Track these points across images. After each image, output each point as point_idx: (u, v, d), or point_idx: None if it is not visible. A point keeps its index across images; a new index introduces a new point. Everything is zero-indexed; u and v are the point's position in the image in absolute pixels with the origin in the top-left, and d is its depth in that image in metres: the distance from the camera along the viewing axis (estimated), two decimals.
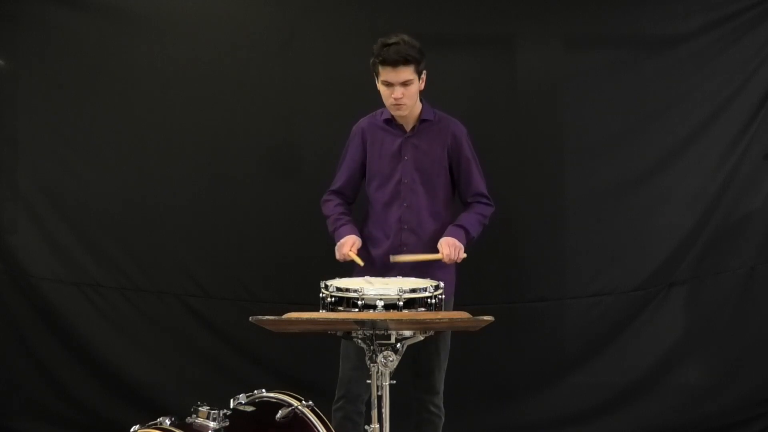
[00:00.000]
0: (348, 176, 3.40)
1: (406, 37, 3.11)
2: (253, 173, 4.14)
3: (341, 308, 2.66)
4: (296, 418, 2.83)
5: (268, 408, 2.84)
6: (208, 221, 4.18)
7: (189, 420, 2.68)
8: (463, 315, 2.57)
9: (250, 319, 2.48)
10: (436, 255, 3.16)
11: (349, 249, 3.20)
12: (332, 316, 2.62)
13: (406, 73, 3.11)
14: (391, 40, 3.10)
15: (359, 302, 2.61)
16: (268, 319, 2.47)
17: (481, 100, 4.11)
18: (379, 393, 2.58)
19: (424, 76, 3.20)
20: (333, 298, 2.68)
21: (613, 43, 4.12)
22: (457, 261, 3.17)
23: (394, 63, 3.09)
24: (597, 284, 4.13)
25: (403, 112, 3.24)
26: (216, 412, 2.67)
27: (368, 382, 2.63)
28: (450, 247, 3.14)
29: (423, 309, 2.67)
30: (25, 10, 4.16)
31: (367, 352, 2.58)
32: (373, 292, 2.63)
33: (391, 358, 2.54)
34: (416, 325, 2.57)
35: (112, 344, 4.20)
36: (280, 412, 2.80)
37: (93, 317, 4.20)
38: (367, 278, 2.94)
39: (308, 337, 3.61)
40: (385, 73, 3.13)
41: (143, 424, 2.64)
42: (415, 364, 3.29)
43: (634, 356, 4.14)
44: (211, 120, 4.14)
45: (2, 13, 4.17)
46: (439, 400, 3.34)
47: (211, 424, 2.63)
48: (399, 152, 3.29)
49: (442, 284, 2.79)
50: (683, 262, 4.12)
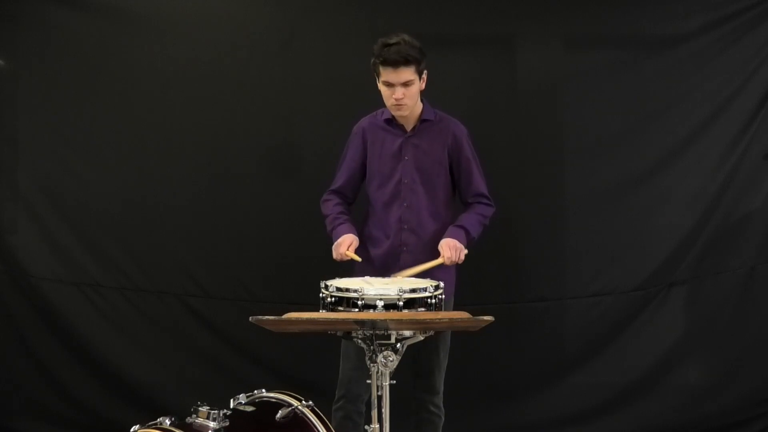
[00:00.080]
0: (348, 176, 3.39)
1: (407, 37, 3.10)
2: (253, 173, 4.14)
3: (341, 308, 2.65)
4: (296, 418, 2.83)
5: (268, 408, 2.84)
6: (208, 221, 4.18)
7: (189, 420, 2.68)
8: (463, 315, 2.56)
9: (250, 319, 2.48)
10: (437, 261, 3.14)
11: (346, 249, 3.19)
12: (332, 316, 2.62)
13: (407, 74, 3.10)
14: (392, 41, 3.09)
15: (359, 302, 2.61)
16: (268, 319, 2.47)
17: (481, 100, 4.11)
18: (379, 393, 2.58)
19: (424, 76, 3.19)
20: (333, 298, 2.67)
21: (613, 43, 4.12)
22: (459, 262, 3.17)
23: (395, 63, 3.08)
24: (597, 284, 4.13)
25: (403, 113, 3.23)
26: (216, 412, 2.66)
27: (368, 382, 2.62)
28: (451, 249, 3.14)
29: (423, 309, 2.66)
30: (25, 10, 4.16)
31: (367, 352, 2.58)
32: (373, 292, 2.62)
33: (391, 358, 2.54)
34: (416, 325, 2.57)
35: (112, 344, 4.20)
36: (280, 412, 2.80)
37: (93, 317, 4.20)
38: (367, 278, 2.93)
39: (308, 337, 3.61)
40: (386, 74, 3.12)
41: (143, 424, 2.63)
42: (415, 364, 3.29)
43: (634, 356, 4.14)
44: (211, 120, 4.14)
45: (2, 13, 4.17)
46: (439, 400, 3.34)
47: (211, 424, 2.63)
48: (399, 152, 3.29)
49: (442, 284, 2.78)
50: (683, 262, 4.12)
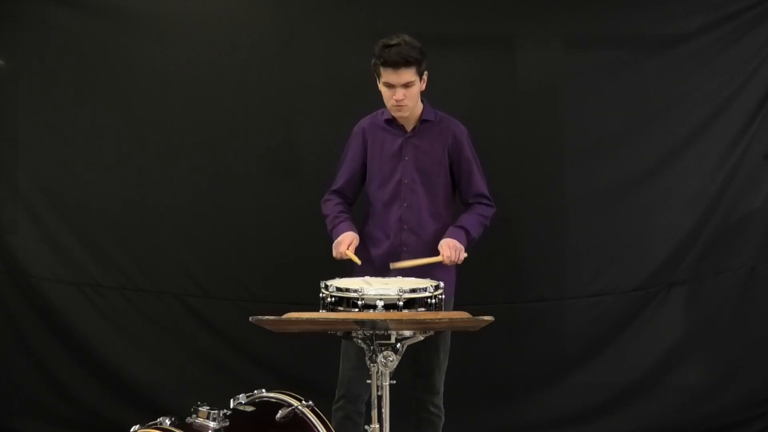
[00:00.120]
0: (348, 176, 3.39)
1: (408, 38, 3.09)
2: (253, 173, 4.14)
3: (341, 308, 2.65)
4: (296, 418, 2.83)
5: (268, 408, 2.84)
6: (208, 221, 4.18)
7: (189, 420, 2.68)
8: (463, 315, 2.57)
9: (250, 319, 2.48)
10: (436, 258, 3.14)
11: (346, 247, 3.18)
12: (332, 316, 2.62)
13: (408, 75, 3.09)
14: (393, 42, 3.08)
15: (359, 302, 2.61)
16: (268, 319, 2.47)
17: (481, 100, 4.11)
18: (379, 393, 2.58)
19: (425, 77, 3.18)
20: (333, 298, 2.67)
21: (613, 43, 4.12)
22: (458, 263, 3.16)
23: (396, 65, 3.07)
24: (597, 284, 4.13)
25: (404, 114, 3.22)
26: (216, 412, 2.66)
27: (368, 382, 2.62)
28: (450, 249, 3.13)
29: (423, 309, 2.66)
30: (25, 10, 4.16)
31: (367, 352, 2.58)
32: (373, 292, 2.62)
33: (391, 358, 2.54)
34: (416, 325, 2.57)
35: (112, 344, 4.20)
36: (280, 412, 2.80)
37: (93, 317, 4.20)
38: (367, 278, 2.93)
39: (308, 337, 3.61)
40: (387, 75, 3.11)
41: (143, 424, 2.63)
42: (415, 364, 3.29)
43: (634, 356, 4.14)
44: (211, 120, 4.14)
45: (2, 13, 4.17)
46: (439, 400, 3.34)
47: (211, 424, 2.63)
48: (399, 152, 3.28)
49: (442, 284, 2.78)
50: (683, 262, 4.12)
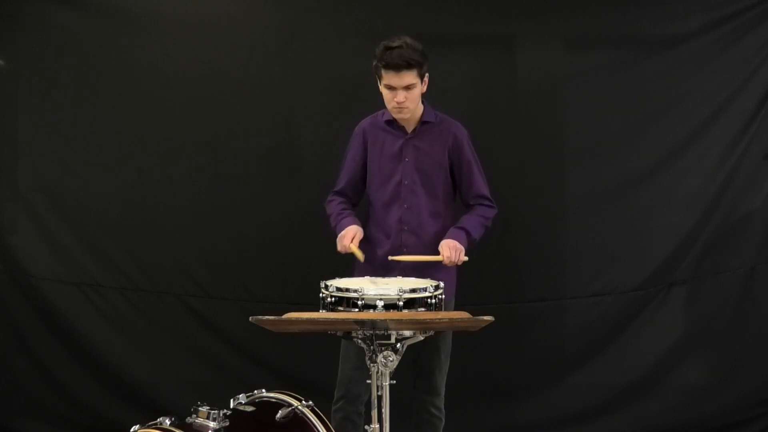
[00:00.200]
0: (350, 177, 3.38)
1: (409, 40, 3.07)
2: (253, 173, 4.14)
3: (341, 308, 2.65)
4: (296, 418, 2.83)
5: (268, 408, 2.84)
6: (208, 221, 4.18)
7: (189, 420, 2.68)
8: (463, 315, 2.57)
9: (250, 319, 2.48)
10: (436, 257, 3.14)
11: (350, 240, 3.17)
12: (332, 316, 2.61)
13: (409, 77, 3.08)
14: (394, 44, 3.06)
15: (359, 302, 2.61)
16: (268, 319, 2.47)
17: (481, 100, 4.11)
18: (379, 393, 2.58)
19: (426, 79, 3.17)
20: (333, 298, 2.67)
21: (613, 43, 4.12)
22: (458, 264, 3.16)
23: (397, 67, 3.06)
24: (597, 284, 4.13)
25: (405, 116, 3.22)
26: (216, 412, 2.66)
27: (368, 382, 2.62)
28: (451, 250, 3.12)
29: (423, 309, 2.66)
30: (25, 10, 4.16)
31: (367, 352, 2.58)
32: (373, 292, 2.62)
33: (391, 358, 2.54)
34: (416, 325, 2.57)
35: (112, 344, 4.20)
36: (280, 412, 2.80)
37: (93, 317, 4.20)
38: (367, 278, 2.93)
39: (308, 337, 3.61)
40: (388, 77, 3.10)
41: (143, 424, 2.63)
42: (416, 365, 3.28)
43: (634, 356, 4.14)
44: (211, 120, 4.14)
45: (2, 13, 4.17)
46: (440, 402, 3.33)
47: (211, 424, 2.63)
48: (400, 153, 3.28)
49: (442, 284, 2.78)
50: (683, 262, 4.12)
